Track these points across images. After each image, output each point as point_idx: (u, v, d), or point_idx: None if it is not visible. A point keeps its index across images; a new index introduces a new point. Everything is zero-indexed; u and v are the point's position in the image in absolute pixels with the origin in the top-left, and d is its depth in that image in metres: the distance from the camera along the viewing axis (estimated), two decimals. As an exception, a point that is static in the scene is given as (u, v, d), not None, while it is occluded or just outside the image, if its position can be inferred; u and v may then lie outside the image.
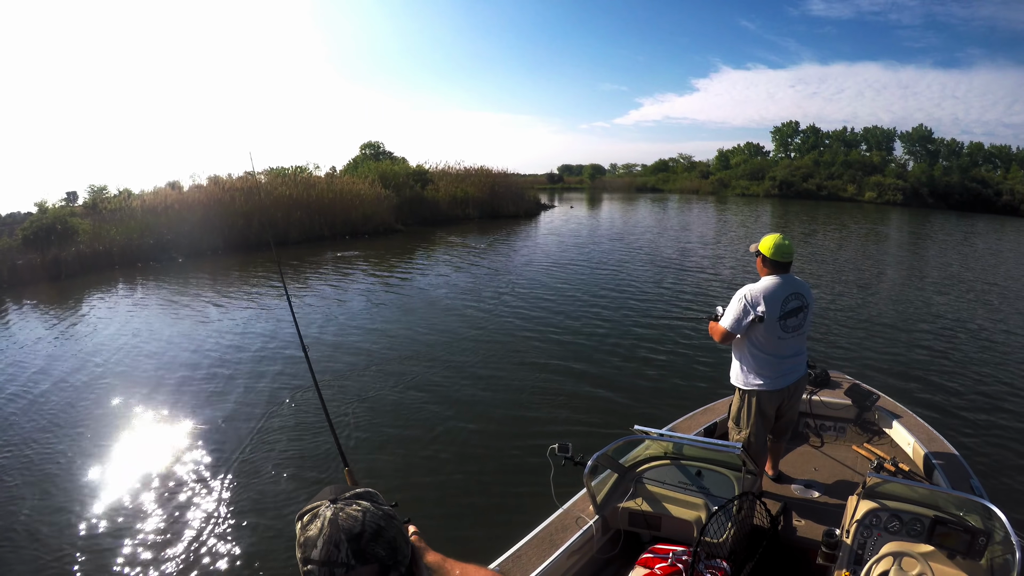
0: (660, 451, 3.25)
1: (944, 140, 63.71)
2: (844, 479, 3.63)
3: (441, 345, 8.38)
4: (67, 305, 11.79)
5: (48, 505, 4.65)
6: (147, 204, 19.38)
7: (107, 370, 7.69)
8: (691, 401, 5.49)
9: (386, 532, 0.94)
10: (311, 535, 0.91)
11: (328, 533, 0.90)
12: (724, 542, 2.61)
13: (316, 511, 0.94)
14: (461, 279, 13.46)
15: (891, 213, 39.97)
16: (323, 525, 0.91)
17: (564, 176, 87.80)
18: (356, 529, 0.91)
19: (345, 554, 0.89)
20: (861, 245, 21.33)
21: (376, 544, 0.92)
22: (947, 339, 8.94)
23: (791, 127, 71.59)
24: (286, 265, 15.60)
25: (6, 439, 5.82)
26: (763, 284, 3.25)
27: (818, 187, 54.43)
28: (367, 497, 0.98)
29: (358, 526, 0.91)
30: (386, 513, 0.97)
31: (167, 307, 11.25)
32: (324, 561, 0.89)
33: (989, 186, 51.93)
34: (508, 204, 30.19)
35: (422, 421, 5.97)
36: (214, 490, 4.79)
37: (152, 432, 5.90)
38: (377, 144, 46.32)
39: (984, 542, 2.29)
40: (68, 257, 15.19)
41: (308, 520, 0.94)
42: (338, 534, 0.90)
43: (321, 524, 0.91)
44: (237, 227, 18.95)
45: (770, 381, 3.28)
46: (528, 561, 2.62)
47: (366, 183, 24.72)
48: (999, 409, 6.30)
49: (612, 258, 16.66)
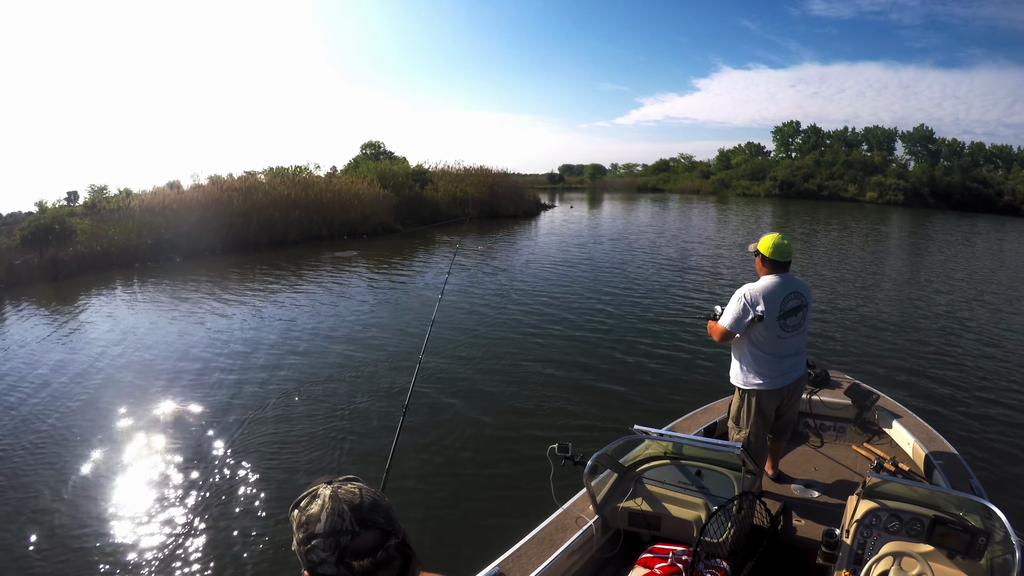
0: (660, 451, 3.25)
1: (945, 140, 63.72)
2: (844, 479, 3.63)
3: (439, 345, 8.37)
4: (65, 305, 11.78)
5: (47, 502, 4.65)
6: (145, 204, 19.31)
7: (106, 369, 7.69)
8: (691, 401, 5.49)
9: (381, 504, 1.00)
10: (313, 512, 0.96)
11: (331, 507, 0.95)
12: (724, 542, 2.61)
13: (314, 493, 1.00)
14: (460, 279, 13.44)
15: (892, 213, 39.96)
16: (324, 501, 0.96)
17: (565, 176, 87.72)
18: (356, 500, 0.97)
19: (349, 522, 0.94)
20: (862, 245, 21.32)
21: (375, 513, 0.97)
22: (947, 339, 8.94)
23: (792, 127, 71.57)
24: (284, 265, 15.57)
25: (2, 437, 5.82)
26: (762, 283, 3.25)
27: (819, 187, 54.40)
28: (356, 480, 1.04)
29: (357, 498, 0.97)
30: (377, 491, 1.03)
31: (164, 307, 11.25)
32: (329, 532, 0.93)
33: (990, 186, 51.87)
34: (508, 204, 30.06)
35: (420, 421, 5.97)
36: (205, 493, 4.78)
37: (149, 431, 5.90)
38: (378, 144, 46.41)
39: (984, 542, 2.28)
40: (66, 257, 15.12)
41: (307, 502, 0.99)
42: (340, 505, 0.95)
43: (322, 501, 0.97)
44: (235, 227, 18.85)
45: (770, 380, 3.28)
46: (528, 561, 2.62)
47: (365, 183, 24.65)
48: (999, 409, 6.30)
49: (612, 258, 16.66)
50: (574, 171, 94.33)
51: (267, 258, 16.90)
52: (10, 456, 5.46)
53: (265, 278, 13.90)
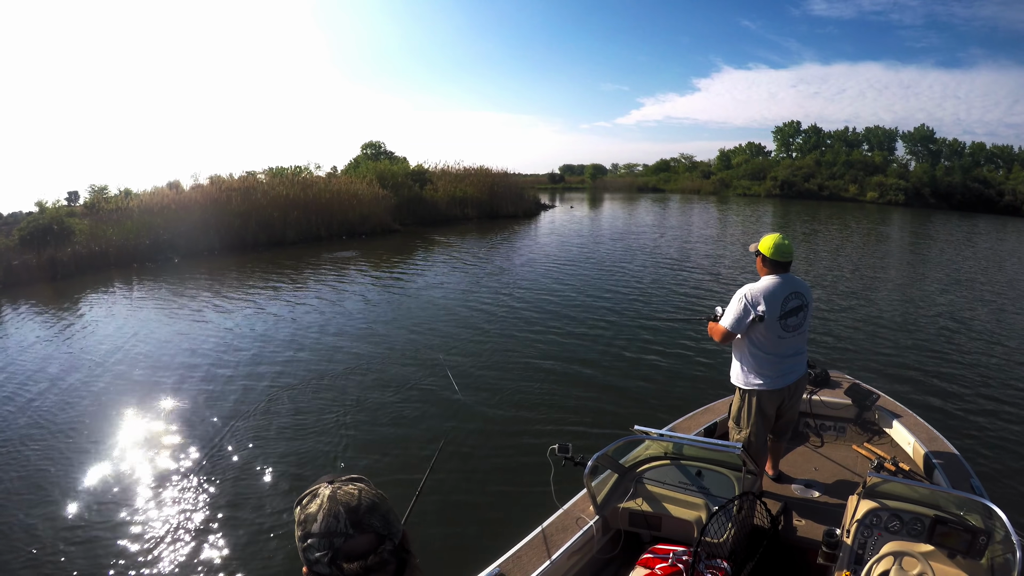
0: (660, 451, 3.24)
1: (946, 140, 63.57)
2: (844, 479, 3.63)
3: (437, 345, 8.37)
4: (63, 305, 11.78)
5: (43, 502, 4.66)
6: (144, 204, 19.29)
7: (103, 370, 7.69)
8: (691, 401, 5.48)
9: (380, 507, 1.00)
10: (311, 511, 0.97)
11: (327, 507, 0.96)
12: (724, 542, 2.60)
13: (315, 491, 1.01)
14: (458, 280, 13.46)
15: (893, 213, 39.94)
16: (323, 501, 0.98)
17: (565, 176, 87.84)
18: (353, 503, 0.97)
19: (344, 524, 0.95)
20: (862, 245, 21.30)
21: (372, 516, 0.98)
22: (948, 339, 8.93)
23: (793, 127, 71.46)
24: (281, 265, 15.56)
25: (2, 437, 5.83)
26: (763, 284, 3.25)
27: (820, 187, 54.38)
28: (359, 480, 1.04)
29: (355, 500, 0.98)
30: (379, 493, 1.03)
31: (163, 307, 11.25)
32: (324, 532, 0.95)
33: (991, 186, 51.82)
34: (507, 204, 30.00)
35: (420, 420, 5.97)
36: (209, 490, 4.79)
37: (147, 431, 5.89)
38: (378, 144, 46.45)
39: (985, 541, 2.28)
40: (64, 257, 15.11)
41: (308, 500, 1.00)
42: (337, 507, 0.96)
43: (321, 500, 0.98)
44: (234, 227, 18.87)
45: (770, 380, 3.28)
46: (528, 561, 2.62)
47: (364, 183, 24.58)
48: (999, 409, 6.29)
49: (611, 258, 16.65)
50: (575, 171, 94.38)
51: (265, 258, 16.91)
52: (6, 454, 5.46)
53: (263, 278, 13.90)
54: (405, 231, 23.29)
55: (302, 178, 24.73)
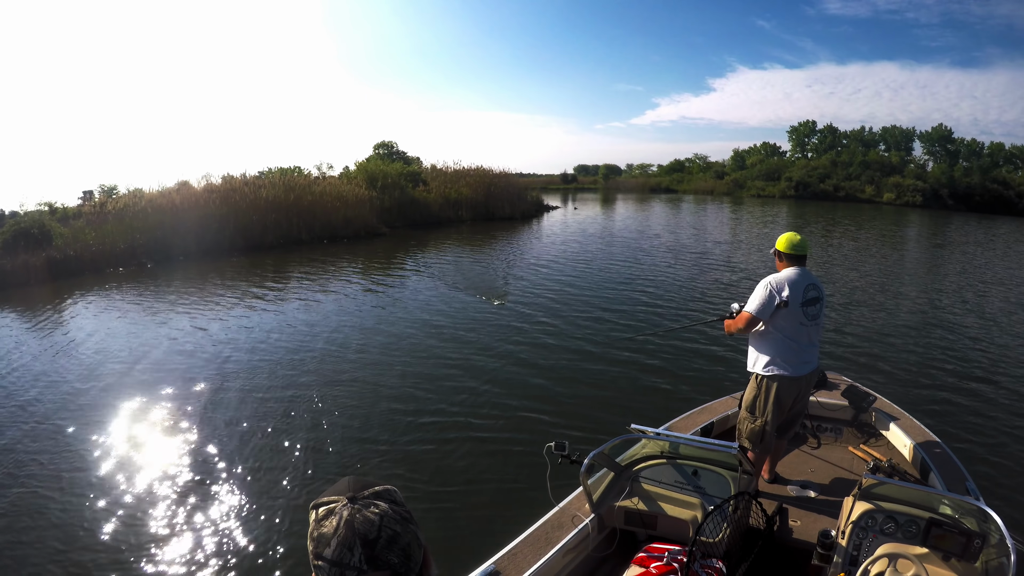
0: (657, 450, 3.26)
1: (964, 140, 62.55)
2: (840, 480, 3.63)
3: (435, 345, 8.42)
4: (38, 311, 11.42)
5: (44, 500, 4.73)
6: (119, 208, 18.88)
7: (100, 370, 7.69)
8: (688, 400, 5.48)
9: (401, 538, 0.90)
10: (325, 532, 0.88)
11: (343, 535, 0.87)
12: (720, 542, 2.61)
13: (332, 508, 0.91)
14: (452, 277, 13.52)
15: (910, 215, 39.28)
16: (339, 525, 0.88)
17: (578, 176, 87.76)
18: (372, 535, 0.88)
19: (358, 559, 0.86)
20: (875, 248, 21.01)
21: (390, 551, 0.88)
22: (947, 341, 8.83)
23: (808, 127, 70.77)
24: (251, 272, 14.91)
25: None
26: (785, 273, 3.44)
27: (835, 188, 53.70)
28: (386, 496, 0.94)
29: (374, 531, 0.88)
30: (403, 516, 0.93)
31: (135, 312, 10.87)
32: (336, 562, 0.86)
33: (1010, 187, 50.76)
34: (504, 205, 28.69)
35: (417, 420, 5.99)
36: (206, 489, 4.85)
37: (136, 432, 5.93)
38: (391, 144, 46.41)
39: (979, 544, 2.28)
40: (38, 263, 14.56)
41: (323, 516, 0.90)
42: (353, 537, 0.87)
43: (337, 523, 0.88)
44: (211, 231, 18.30)
45: (792, 367, 3.39)
46: (524, 559, 2.64)
47: (352, 184, 23.82)
48: (996, 412, 6.24)
49: (612, 257, 16.58)
50: (589, 171, 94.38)
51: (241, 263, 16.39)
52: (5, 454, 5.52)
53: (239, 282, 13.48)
54: (392, 234, 22.42)
55: (287, 180, 23.46)
